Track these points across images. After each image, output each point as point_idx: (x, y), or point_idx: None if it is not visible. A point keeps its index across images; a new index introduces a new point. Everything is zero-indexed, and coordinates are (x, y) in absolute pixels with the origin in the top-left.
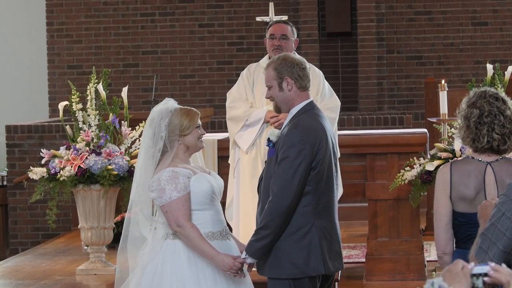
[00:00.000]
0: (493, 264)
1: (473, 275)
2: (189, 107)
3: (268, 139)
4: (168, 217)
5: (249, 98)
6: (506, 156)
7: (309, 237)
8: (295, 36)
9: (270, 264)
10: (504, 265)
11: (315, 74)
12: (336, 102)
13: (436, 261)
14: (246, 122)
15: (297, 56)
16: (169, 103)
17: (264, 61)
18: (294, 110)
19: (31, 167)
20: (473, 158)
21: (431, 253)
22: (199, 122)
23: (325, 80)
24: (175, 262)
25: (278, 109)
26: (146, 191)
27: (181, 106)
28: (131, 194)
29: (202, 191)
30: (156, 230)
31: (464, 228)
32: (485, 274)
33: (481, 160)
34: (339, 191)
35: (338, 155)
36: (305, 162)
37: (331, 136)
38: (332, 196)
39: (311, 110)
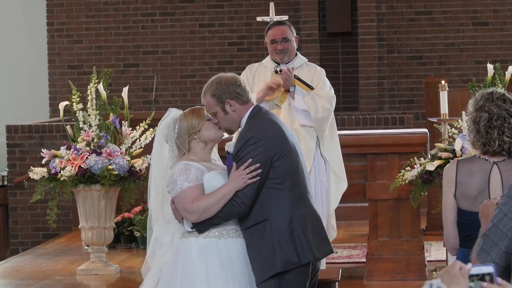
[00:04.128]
0: (500, 279)
1: (471, 276)
2: (191, 107)
3: (227, 152)
4: (180, 209)
5: None
6: None
7: (291, 228)
8: (295, 34)
9: (262, 266)
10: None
11: (316, 71)
12: (333, 95)
13: (436, 261)
14: None
15: (228, 74)
16: (172, 113)
17: (267, 61)
18: (243, 121)
19: (31, 167)
20: (479, 157)
21: (431, 253)
22: (207, 114)
23: (326, 78)
24: (186, 259)
25: (229, 131)
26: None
27: (183, 111)
28: (149, 203)
29: (214, 188)
30: (174, 237)
31: (466, 227)
32: (482, 276)
33: (487, 160)
34: (343, 185)
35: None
36: (261, 158)
37: (286, 128)
38: (304, 185)
39: (258, 112)
